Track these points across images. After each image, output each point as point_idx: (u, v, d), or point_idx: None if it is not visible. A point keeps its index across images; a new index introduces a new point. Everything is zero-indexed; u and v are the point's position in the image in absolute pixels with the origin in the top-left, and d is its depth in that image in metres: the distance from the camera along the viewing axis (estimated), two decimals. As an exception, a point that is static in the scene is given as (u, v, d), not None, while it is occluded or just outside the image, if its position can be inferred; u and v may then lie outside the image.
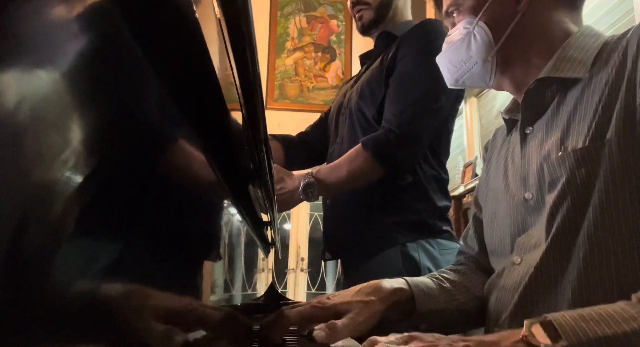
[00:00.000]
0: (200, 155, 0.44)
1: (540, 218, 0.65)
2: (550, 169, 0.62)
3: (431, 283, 0.77)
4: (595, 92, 0.60)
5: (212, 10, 0.33)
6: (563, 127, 0.63)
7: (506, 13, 0.71)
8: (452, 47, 0.76)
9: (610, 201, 0.55)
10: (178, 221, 0.40)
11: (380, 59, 1.25)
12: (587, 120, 0.60)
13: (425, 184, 1.18)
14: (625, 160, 0.54)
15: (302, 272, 3.33)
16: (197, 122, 0.40)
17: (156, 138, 0.33)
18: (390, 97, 1.16)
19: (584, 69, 0.64)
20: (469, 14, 0.74)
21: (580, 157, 0.58)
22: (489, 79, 0.75)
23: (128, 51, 0.26)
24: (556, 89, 0.68)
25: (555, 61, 0.67)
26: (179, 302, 0.39)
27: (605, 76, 0.60)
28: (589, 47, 0.66)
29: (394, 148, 1.10)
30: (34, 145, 0.16)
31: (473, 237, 0.87)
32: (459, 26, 0.75)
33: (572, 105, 0.63)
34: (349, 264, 1.28)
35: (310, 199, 1.14)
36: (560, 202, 0.59)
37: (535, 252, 0.63)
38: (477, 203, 0.88)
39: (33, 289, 0.16)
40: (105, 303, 0.23)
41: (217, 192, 0.55)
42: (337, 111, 1.37)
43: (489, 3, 0.71)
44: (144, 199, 0.30)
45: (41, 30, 0.17)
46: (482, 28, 0.72)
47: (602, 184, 0.56)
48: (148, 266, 0.32)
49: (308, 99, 3.65)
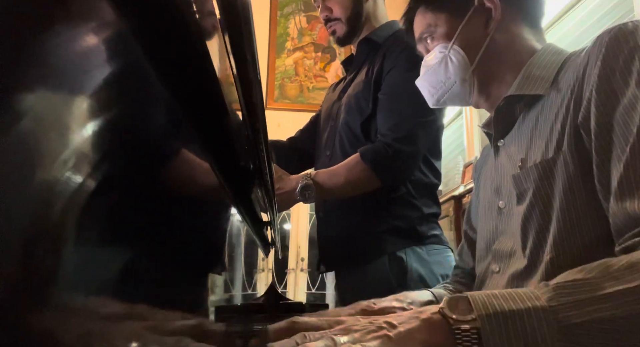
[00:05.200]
0: (201, 155, 0.44)
1: (510, 226, 0.69)
2: (518, 182, 0.67)
3: (447, 294, 0.81)
4: (552, 109, 0.65)
5: (212, 10, 0.33)
6: (527, 141, 0.68)
7: (477, 36, 0.76)
8: (430, 70, 0.80)
9: (571, 207, 0.59)
10: (178, 221, 0.40)
11: (366, 71, 1.26)
12: (545, 134, 0.65)
13: (413, 191, 1.19)
14: (579, 170, 0.59)
15: (302, 272, 3.33)
16: (197, 122, 0.40)
17: (156, 138, 0.33)
18: (383, 112, 1.17)
19: (546, 85, 0.69)
20: (443, 39, 0.79)
21: (542, 171, 0.63)
22: (468, 97, 0.80)
23: (128, 51, 0.26)
24: (523, 104, 0.72)
25: (520, 79, 0.72)
26: (178, 302, 0.39)
27: (561, 94, 0.64)
28: (550, 65, 0.71)
29: (393, 162, 1.12)
30: (34, 146, 0.16)
31: (467, 253, 0.91)
32: (434, 51, 0.80)
33: (534, 120, 0.68)
34: (341, 273, 1.29)
35: (306, 200, 1.15)
36: (530, 214, 0.64)
37: (512, 262, 0.67)
38: (468, 221, 0.92)
39: (33, 288, 0.16)
40: (104, 302, 0.23)
41: (217, 192, 0.55)
42: (326, 121, 1.37)
43: (460, 28, 0.77)
44: (144, 199, 0.30)
45: (41, 31, 0.17)
46: (457, 51, 0.77)
47: (561, 193, 0.60)
48: (148, 265, 0.32)
49: (308, 99, 3.65)
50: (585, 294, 0.44)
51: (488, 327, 0.43)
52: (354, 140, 1.23)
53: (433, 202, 1.23)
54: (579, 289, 0.44)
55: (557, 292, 0.45)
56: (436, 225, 1.23)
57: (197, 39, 0.29)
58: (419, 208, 1.19)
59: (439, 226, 1.24)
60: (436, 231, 1.21)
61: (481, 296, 0.46)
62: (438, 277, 1.14)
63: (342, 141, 1.26)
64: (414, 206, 1.18)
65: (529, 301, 0.44)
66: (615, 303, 0.42)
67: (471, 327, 0.44)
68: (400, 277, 1.12)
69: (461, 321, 0.45)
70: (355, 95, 1.25)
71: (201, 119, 0.40)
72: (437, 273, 1.14)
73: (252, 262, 1.38)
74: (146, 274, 0.31)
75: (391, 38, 1.26)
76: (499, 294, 0.46)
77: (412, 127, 1.12)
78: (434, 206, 1.23)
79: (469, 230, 0.91)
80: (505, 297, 0.45)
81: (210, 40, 0.31)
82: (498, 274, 0.71)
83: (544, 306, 0.44)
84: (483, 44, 0.75)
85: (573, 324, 0.42)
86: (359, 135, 1.21)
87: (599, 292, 0.43)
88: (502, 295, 0.46)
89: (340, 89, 1.37)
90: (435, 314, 0.46)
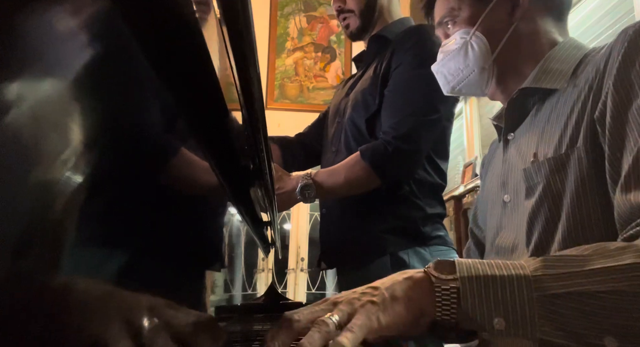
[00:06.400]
0: (201, 156, 0.44)
1: (514, 221, 0.68)
2: (527, 176, 0.66)
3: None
4: (568, 103, 0.64)
5: (212, 10, 0.33)
6: (539, 135, 0.67)
7: (501, 23, 0.74)
8: (449, 56, 0.77)
9: (582, 205, 0.58)
10: (178, 221, 0.40)
11: (374, 67, 1.24)
12: (559, 129, 0.63)
13: (417, 191, 1.18)
14: (592, 167, 0.58)
15: (302, 272, 3.33)
16: (197, 122, 0.40)
17: (156, 138, 0.33)
18: (387, 109, 1.16)
19: (563, 80, 0.67)
20: (465, 24, 0.76)
21: (554, 165, 0.62)
22: (485, 86, 0.77)
23: (128, 51, 0.26)
24: (537, 98, 0.71)
25: (537, 72, 0.70)
26: (178, 302, 0.39)
27: (578, 89, 0.63)
28: (569, 59, 0.69)
29: (392, 160, 1.10)
30: (35, 146, 0.16)
31: (475, 251, 0.89)
32: (455, 36, 0.77)
33: (547, 115, 0.67)
34: (343, 272, 1.28)
35: (307, 200, 1.15)
36: (538, 209, 0.63)
37: (514, 257, 0.66)
38: (475, 219, 0.90)
39: (32, 289, 0.16)
40: (103, 303, 0.23)
41: (217, 192, 0.55)
42: (333, 117, 1.37)
43: (485, 14, 0.74)
44: (144, 198, 0.30)
45: (41, 31, 0.17)
46: (479, 38, 0.74)
47: (573, 189, 0.59)
48: (148, 265, 0.32)
49: (308, 99, 3.65)
50: (571, 268, 0.44)
51: (468, 288, 0.44)
52: (359, 136, 1.21)
53: (438, 203, 1.21)
54: (566, 264, 0.44)
55: (543, 264, 0.45)
56: (440, 226, 1.21)
57: (197, 39, 0.29)
58: (422, 208, 1.17)
59: (444, 226, 1.23)
60: (440, 231, 1.19)
61: (467, 261, 0.47)
62: None
63: (348, 137, 1.25)
64: (417, 206, 1.17)
65: (514, 269, 0.45)
66: (599, 279, 0.42)
67: (451, 287, 0.45)
68: None
69: (443, 280, 0.45)
70: (362, 91, 1.24)
71: (201, 119, 0.40)
72: None
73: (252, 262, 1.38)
74: (146, 274, 0.31)
75: (401, 34, 1.24)
76: (486, 262, 0.47)
77: (414, 125, 1.11)
78: (439, 206, 1.22)
79: (475, 228, 0.90)
80: (492, 264, 0.46)
81: (210, 41, 0.31)
82: None
83: (527, 274, 0.44)
84: (506, 32, 0.73)
85: (552, 294, 0.43)
86: (364, 132, 1.20)
87: (585, 268, 0.43)
88: (488, 263, 0.46)
89: (349, 85, 1.37)
90: (419, 273, 0.47)
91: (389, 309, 0.45)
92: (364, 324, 0.42)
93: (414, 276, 0.47)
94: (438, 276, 0.46)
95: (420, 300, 0.45)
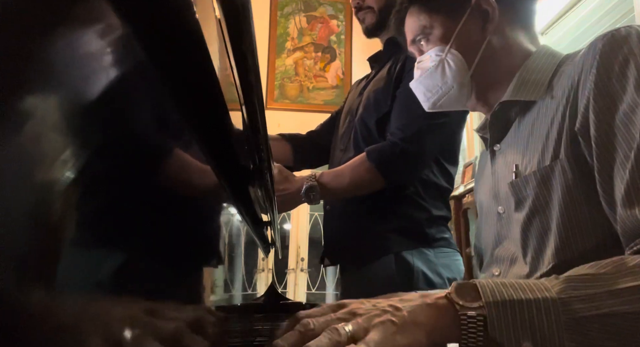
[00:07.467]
0: (200, 156, 0.44)
1: (511, 232, 0.69)
2: (515, 189, 0.66)
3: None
4: (547, 114, 0.64)
5: (212, 10, 0.33)
6: (523, 146, 0.68)
7: (474, 39, 0.74)
8: (426, 73, 0.78)
9: (571, 215, 0.59)
10: (178, 221, 0.40)
11: (388, 68, 1.25)
12: (541, 140, 0.64)
13: (422, 191, 1.18)
14: (577, 178, 0.58)
15: (302, 272, 3.33)
16: (197, 122, 0.40)
17: (156, 138, 0.33)
18: (397, 110, 1.16)
19: (541, 90, 0.68)
20: (439, 41, 0.76)
21: (540, 178, 0.62)
22: (465, 101, 0.78)
23: (128, 52, 0.26)
24: (519, 109, 0.71)
25: (515, 84, 0.71)
26: (178, 302, 0.39)
27: (556, 100, 0.64)
28: (545, 68, 0.70)
29: (397, 161, 1.11)
30: (35, 146, 0.16)
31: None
32: (430, 54, 0.77)
33: (530, 126, 0.68)
34: (346, 270, 1.29)
35: (311, 201, 1.15)
36: (530, 221, 0.64)
37: (514, 268, 0.67)
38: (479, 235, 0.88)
39: (32, 289, 0.16)
40: (102, 302, 0.23)
41: (217, 192, 0.55)
42: (345, 116, 1.37)
43: (458, 30, 0.74)
44: (144, 199, 0.30)
45: (40, 30, 0.17)
46: (454, 55, 0.75)
47: (561, 200, 0.60)
48: (148, 266, 0.32)
49: (308, 99, 3.64)
50: (597, 289, 0.43)
51: (495, 315, 0.43)
52: (368, 136, 1.22)
53: (443, 205, 1.22)
54: (591, 284, 0.44)
55: (568, 285, 0.44)
56: (445, 228, 1.21)
57: (197, 39, 0.29)
58: (427, 209, 1.17)
59: (449, 229, 1.23)
60: (445, 234, 1.19)
61: (489, 283, 0.46)
62: (445, 280, 1.12)
63: (357, 136, 1.25)
64: (421, 207, 1.17)
65: (539, 291, 0.44)
66: (627, 299, 0.42)
67: (477, 314, 0.44)
68: (405, 278, 1.11)
69: (468, 308, 0.44)
70: (374, 91, 1.24)
71: (201, 119, 0.40)
72: (444, 276, 1.13)
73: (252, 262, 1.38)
74: (146, 274, 0.31)
75: None
76: (507, 283, 0.46)
77: (421, 128, 1.11)
78: (444, 209, 1.22)
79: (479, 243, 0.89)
80: (515, 286, 0.45)
81: (210, 40, 0.31)
82: (498, 277, 0.70)
83: (554, 297, 0.43)
84: (480, 47, 0.74)
85: (581, 317, 0.42)
86: (374, 132, 1.21)
87: (611, 288, 0.43)
88: (511, 284, 0.45)
89: (362, 85, 1.37)
90: (442, 298, 0.46)
91: (407, 333, 0.44)
92: (380, 341, 0.42)
93: (438, 303, 0.46)
94: (463, 304, 0.45)
95: (444, 329, 0.45)
